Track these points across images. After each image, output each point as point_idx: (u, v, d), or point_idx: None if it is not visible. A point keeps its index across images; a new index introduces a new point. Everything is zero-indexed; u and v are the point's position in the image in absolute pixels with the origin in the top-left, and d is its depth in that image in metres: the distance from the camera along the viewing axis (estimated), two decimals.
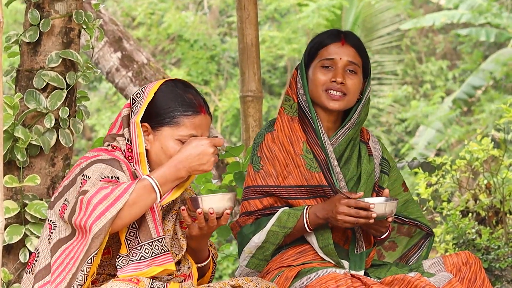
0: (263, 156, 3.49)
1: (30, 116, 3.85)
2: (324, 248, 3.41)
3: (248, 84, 5.08)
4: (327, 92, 3.46)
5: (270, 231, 3.39)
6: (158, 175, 2.88)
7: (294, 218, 3.38)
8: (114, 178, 2.90)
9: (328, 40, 3.51)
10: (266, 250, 3.41)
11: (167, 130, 3.02)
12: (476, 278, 3.35)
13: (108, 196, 2.80)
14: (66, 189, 2.97)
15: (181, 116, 3.02)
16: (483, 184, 5.77)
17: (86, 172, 2.91)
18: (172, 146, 3.01)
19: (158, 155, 3.03)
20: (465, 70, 15.68)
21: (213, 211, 2.98)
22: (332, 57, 3.48)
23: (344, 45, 3.49)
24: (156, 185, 2.87)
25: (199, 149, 2.91)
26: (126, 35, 8.00)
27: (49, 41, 3.91)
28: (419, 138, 14.75)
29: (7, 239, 3.75)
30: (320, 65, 3.49)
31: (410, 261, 3.67)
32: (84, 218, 2.79)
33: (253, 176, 3.49)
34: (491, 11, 13.70)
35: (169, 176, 2.90)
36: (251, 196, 3.49)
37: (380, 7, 15.37)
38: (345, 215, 3.28)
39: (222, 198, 3.00)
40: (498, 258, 5.20)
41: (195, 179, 4.69)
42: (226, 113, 14.97)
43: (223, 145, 3.04)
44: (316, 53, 3.51)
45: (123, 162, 2.97)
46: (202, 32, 15.30)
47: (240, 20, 5.11)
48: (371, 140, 3.65)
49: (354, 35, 3.56)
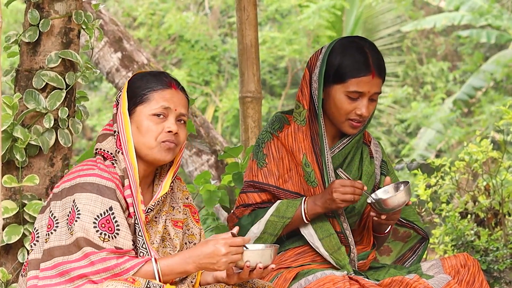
0: (269, 154, 3.50)
1: (29, 116, 3.85)
2: (326, 238, 3.41)
3: (247, 85, 5.08)
4: (350, 121, 3.45)
5: (269, 221, 3.40)
6: (165, 264, 2.89)
7: (293, 208, 3.40)
8: (108, 213, 2.92)
9: (360, 71, 3.39)
10: (265, 241, 3.41)
11: (140, 109, 3.05)
12: (474, 280, 3.35)
13: (110, 270, 2.85)
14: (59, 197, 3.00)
15: (150, 91, 3.05)
16: (482, 185, 5.77)
17: (77, 201, 2.93)
18: (146, 123, 3.03)
19: (136, 137, 3.04)
20: (465, 72, 15.68)
21: (262, 266, 2.96)
22: (362, 91, 3.41)
23: (374, 78, 3.41)
24: (159, 274, 2.88)
25: (210, 248, 2.87)
26: (127, 35, 8.00)
27: (49, 41, 3.91)
28: (419, 139, 14.75)
29: (6, 239, 3.75)
30: (346, 94, 3.41)
31: (405, 265, 3.68)
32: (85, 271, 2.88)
33: (255, 171, 3.50)
34: (492, 13, 13.70)
35: (176, 268, 2.90)
36: (250, 190, 3.50)
37: (381, 8, 15.37)
38: (341, 193, 3.30)
39: (269, 253, 2.97)
40: (497, 259, 5.20)
41: (194, 180, 4.69)
42: (227, 114, 14.97)
43: (248, 240, 2.93)
44: (344, 79, 3.41)
45: (114, 184, 2.98)
46: (203, 33, 15.30)
47: (240, 21, 5.11)
48: (372, 143, 3.67)
49: (380, 58, 3.48)
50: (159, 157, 3.05)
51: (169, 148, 3.05)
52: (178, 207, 3.19)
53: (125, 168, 3.02)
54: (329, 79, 3.44)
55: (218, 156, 6.67)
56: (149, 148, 3.04)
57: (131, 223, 3.01)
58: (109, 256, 2.87)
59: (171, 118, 3.06)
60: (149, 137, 3.03)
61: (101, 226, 2.91)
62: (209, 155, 7.43)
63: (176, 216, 3.17)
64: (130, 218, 3.02)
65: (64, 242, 2.92)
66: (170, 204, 3.17)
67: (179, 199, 3.21)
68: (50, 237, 2.95)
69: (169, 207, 3.17)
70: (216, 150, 7.43)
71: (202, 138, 7.40)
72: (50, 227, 2.96)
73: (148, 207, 3.06)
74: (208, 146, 7.28)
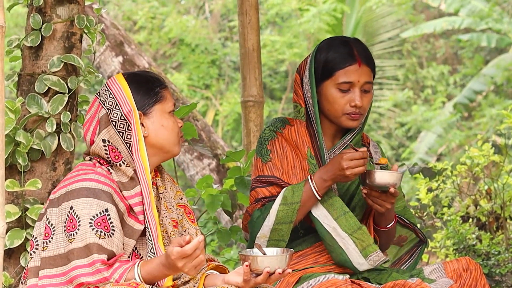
0: (273, 150, 3.51)
1: (31, 120, 3.85)
2: (341, 217, 3.41)
3: (249, 89, 5.08)
4: (346, 115, 3.47)
5: (279, 211, 3.39)
6: (145, 270, 2.90)
7: (299, 191, 3.39)
8: (103, 214, 2.93)
9: (345, 61, 3.45)
10: (281, 231, 3.40)
11: (159, 107, 3.11)
12: (476, 284, 3.35)
13: (103, 281, 2.86)
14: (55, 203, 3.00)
15: (161, 90, 3.12)
16: (483, 189, 5.77)
17: (74, 206, 2.93)
18: (169, 121, 3.11)
19: (159, 135, 3.08)
20: (466, 75, 15.69)
21: (282, 270, 2.97)
22: (351, 81, 3.44)
23: (361, 66, 3.46)
24: (140, 278, 2.89)
25: (172, 263, 2.85)
26: (128, 39, 8.01)
27: (51, 46, 3.92)
28: (420, 143, 14.76)
29: (8, 243, 3.75)
30: (337, 87, 3.45)
31: (402, 268, 3.68)
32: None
33: (261, 167, 3.51)
34: (492, 16, 13.71)
35: (156, 274, 2.91)
36: (258, 185, 3.50)
37: (381, 12, 15.38)
38: (352, 168, 3.32)
39: (285, 258, 3.00)
40: (499, 263, 5.20)
41: (196, 184, 4.69)
42: (227, 118, 14.98)
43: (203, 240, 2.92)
44: (332, 73, 3.46)
45: (111, 188, 2.99)
46: (203, 37, 15.32)
47: (242, 25, 5.11)
48: (371, 145, 3.68)
49: (365, 49, 3.53)
50: (177, 152, 3.15)
51: (182, 142, 3.18)
52: (171, 206, 3.20)
53: (135, 171, 3.03)
54: (319, 78, 3.49)
55: (220, 160, 6.68)
56: (173, 144, 3.12)
57: (132, 224, 3.03)
58: (101, 267, 2.87)
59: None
60: (172, 133, 3.11)
61: (97, 225, 2.91)
62: (211, 159, 7.43)
63: (171, 215, 3.19)
64: (131, 219, 3.03)
65: (62, 250, 2.92)
66: (165, 203, 3.18)
67: (172, 199, 3.22)
68: (48, 245, 2.95)
69: (165, 205, 3.17)
70: (217, 154, 7.43)
71: (204, 142, 7.40)
72: (47, 236, 2.96)
73: None
74: (210, 150, 7.29)
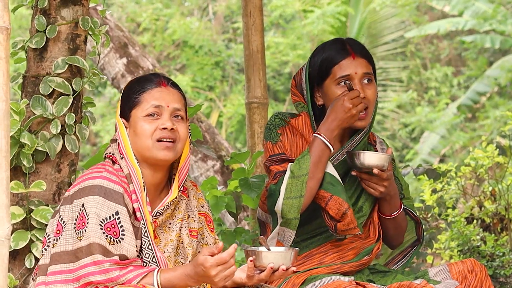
0: (284, 134, 3.53)
1: (36, 122, 3.86)
2: None
3: (253, 91, 5.08)
4: None
5: (288, 184, 3.39)
6: (166, 277, 2.89)
7: (306, 162, 3.39)
8: (113, 218, 2.92)
9: (338, 56, 3.48)
10: (292, 206, 3.38)
11: (134, 113, 3.06)
12: (481, 285, 3.36)
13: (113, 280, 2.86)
14: (68, 201, 3.01)
15: (141, 93, 3.06)
16: (488, 191, 5.77)
17: (86, 205, 2.93)
18: (140, 125, 3.03)
19: (134, 142, 3.04)
20: (470, 77, 15.68)
21: (286, 268, 2.96)
22: (348, 73, 3.46)
23: (356, 58, 3.47)
24: (158, 286, 2.88)
25: (201, 272, 2.85)
26: (132, 41, 8.01)
27: (56, 47, 3.92)
28: (422, 144, 14.74)
29: (13, 245, 3.75)
30: (336, 83, 3.47)
31: (394, 268, 3.69)
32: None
33: (271, 148, 3.51)
34: (496, 18, 13.70)
35: (176, 283, 2.90)
36: (272, 164, 3.50)
37: (385, 13, 15.38)
38: (356, 106, 3.37)
39: (290, 255, 2.98)
40: (503, 265, 5.20)
41: (201, 185, 4.69)
42: (231, 119, 14.98)
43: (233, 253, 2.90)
44: (329, 71, 3.48)
45: (122, 188, 2.98)
46: (207, 38, 15.33)
47: (246, 26, 5.11)
48: (378, 142, 3.68)
49: (358, 43, 3.55)
50: (159, 157, 3.02)
51: (167, 146, 3.02)
52: (193, 215, 3.18)
53: (129, 174, 3.02)
54: (318, 79, 3.51)
55: (225, 161, 6.67)
56: (147, 149, 3.02)
57: (139, 226, 3.01)
58: (112, 267, 2.86)
59: (165, 115, 3.04)
60: (144, 138, 3.02)
61: (106, 229, 2.91)
62: (215, 160, 7.43)
63: (191, 225, 3.16)
64: (138, 221, 3.01)
65: (70, 247, 2.92)
66: (186, 212, 3.15)
67: (195, 207, 3.20)
68: (58, 242, 2.95)
69: (185, 214, 3.14)
70: (221, 155, 7.43)
71: (208, 143, 7.40)
72: (58, 232, 2.97)
73: (157, 211, 3.04)
74: (214, 152, 7.29)
